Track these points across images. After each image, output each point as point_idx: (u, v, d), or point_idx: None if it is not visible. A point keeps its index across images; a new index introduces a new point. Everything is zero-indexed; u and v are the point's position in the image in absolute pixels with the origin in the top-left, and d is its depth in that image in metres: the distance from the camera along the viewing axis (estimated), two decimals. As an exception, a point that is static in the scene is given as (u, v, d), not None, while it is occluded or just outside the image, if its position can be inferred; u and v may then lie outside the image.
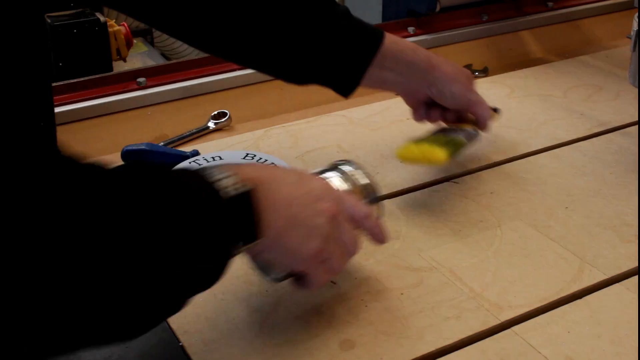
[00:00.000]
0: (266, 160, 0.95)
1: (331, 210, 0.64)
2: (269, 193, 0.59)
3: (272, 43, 0.85)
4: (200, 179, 0.55)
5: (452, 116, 0.96)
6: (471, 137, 0.95)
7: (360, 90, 0.91)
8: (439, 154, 0.86)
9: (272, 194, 0.60)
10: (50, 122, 0.57)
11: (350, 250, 0.68)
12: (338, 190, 0.69)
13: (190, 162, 0.95)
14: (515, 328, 0.71)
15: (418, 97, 0.94)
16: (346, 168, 0.75)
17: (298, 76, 0.90)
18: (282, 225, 0.61)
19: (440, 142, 0.90)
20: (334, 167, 0.75)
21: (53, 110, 0.58)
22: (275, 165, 0.66)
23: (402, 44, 0.90)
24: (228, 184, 0.56)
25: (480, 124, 0.95)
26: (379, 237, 0.72)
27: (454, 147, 0.90)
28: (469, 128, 0.97)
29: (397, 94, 0.97)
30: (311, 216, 0.62)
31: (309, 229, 0.62)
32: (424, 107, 0.96)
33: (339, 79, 0.89)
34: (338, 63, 0.87)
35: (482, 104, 0.95)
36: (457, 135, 0.94)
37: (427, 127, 0.98)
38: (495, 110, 1.03)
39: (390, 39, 0.89)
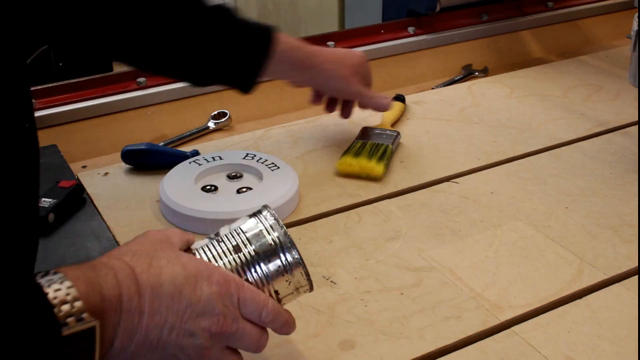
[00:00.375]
0: (266, 160, 0.95)
1: (213, 327, 0.56)
2: (129, 315, 0.52)
3: (177, 51, 0.89)
4: (38, 313, 0.46)
5: (345, 109, 1.05)
6: (395, 140, 1.02)
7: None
8: (377, 169, 0.96)
9: (135, 316, 0.52)
10: (32, 124, 0.57)
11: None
12: (234, 284, 0.58)
13: (190, 162, 0.95)
14: (515, 328, 0.71)
15: (311, 87, 1.02)
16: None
17: (203, 79, 0.94)
18: (135, 352, 0.53)
19: (374, 154, 0.98)
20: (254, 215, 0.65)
21: (33, 112, 0.58)
22: (166, 255, 0.55)
23: (288, 44, 0.94)
24: (71, 311, 0.47)
25: (368, 106, 1.03)
26: (283, 330, 0.61)
27: (388, 159, 0.98)
28: (387, 129, 1.05)
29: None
30: (181, 338, 0.54)
31: (173, 355, 0.55)
32: (327, 100, 1.05)
33: (239, 77, 0.93)
34: (237, 63, 0.91)
35: (367, 96, 1.02)
36: (383, 140, 1.01)
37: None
38: (398, 98, 1.14)
39: (281, 38, 0.93)
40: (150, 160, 0.99)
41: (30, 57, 1.51)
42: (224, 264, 0.60)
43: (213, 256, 0.60)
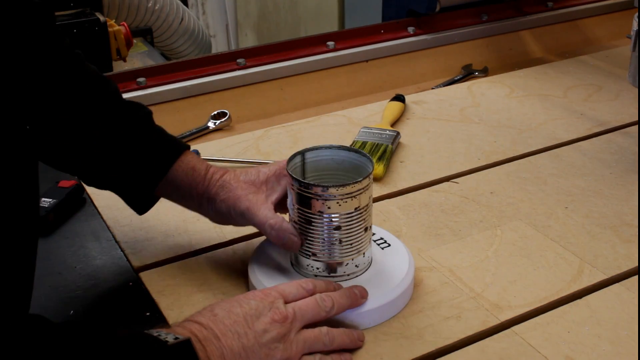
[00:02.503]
0: (374, 234, 0.80)
1: (275, 317, 0.64)
2: (209, 342, 0.61)
3: (76, 148, 0.77)
4: (142, 336, 0.58)
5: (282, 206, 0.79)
6: (394, 140, 1.03)
7: (360, 90, 0.91)
8: (377, 169, 0.96)
9: (213, 340, 0.61)
10: (32, 126, 0.57)
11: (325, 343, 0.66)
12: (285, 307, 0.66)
13: None
14: (515, 328, 0.71)
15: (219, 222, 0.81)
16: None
17: (98, 183, 0.81)
18: None
19: (374, 154, 0.98)
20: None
21: (39, 113, 0.58)
22: (218, 315, 0.64)
23: (190, 165, 0.78)
24: (168, 338, 0.58)
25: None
26: (356, 303, 0.70)
27: (387, 159, 0.98)
28: (387, 129, 1.04)
29: None
30: (259, 338, 0.63)
31: (266, 355, 0.63)
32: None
33: (132, 195, 0.80)
34: (130, 179, 0.79)
35: (274, 221, 0.74)
36: (382, 140, 1.02)
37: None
38: (399, 98, 1.15)
39: (187, 159, 0.78)
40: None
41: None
42: None
43: None
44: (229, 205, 0.75)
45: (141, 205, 0.81)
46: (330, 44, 1.29)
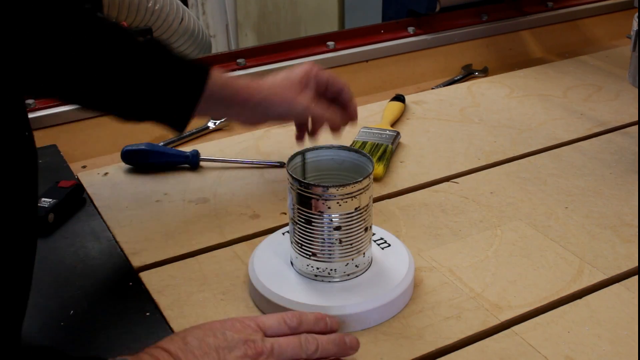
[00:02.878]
0: (374, 234, 0.80)
1: (249, 352, 0.61)
2: None
3: (108, 86, 0.83)
4: None
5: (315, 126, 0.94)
6: (394, 140, 1.02)
7: (360, 90, 0.91)
8: (377, 169, 0.96)
9: None
10: (30, 132, 0.58)
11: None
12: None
13: (283, 234, 0.81)
14: (515, 328, 0.71)
15: (258, 123, 0.93)
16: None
17: (134, 115, 0.87)
18: None
19: (374, 154, 0.98)
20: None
21: (28, 120, 0.58)
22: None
23: (222, 80, 0.87)
24: None
25: (332, 127, 0.93)
26: (344, 352, 0.66)
27: (387, 159, 0.98)
28: (387, 129, 1.04)
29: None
30: None
31: None
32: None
33: (172, 116, 0.87)
34: (169, 102, 0.86)
35: (316, 115, 0.91)
36: (382, 140, 1.02)
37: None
38: (398, 98, 1.12)
39: (215, 74, 0.86)
40: (150, 160, 0.99)
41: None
42: None
43: None
44: (269, 104, 0.88)
45: (182, 122, 0.87)
46: (330, 44, 1.29)
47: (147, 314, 0.73)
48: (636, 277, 0.78)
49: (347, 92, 0.94)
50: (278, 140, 1.07)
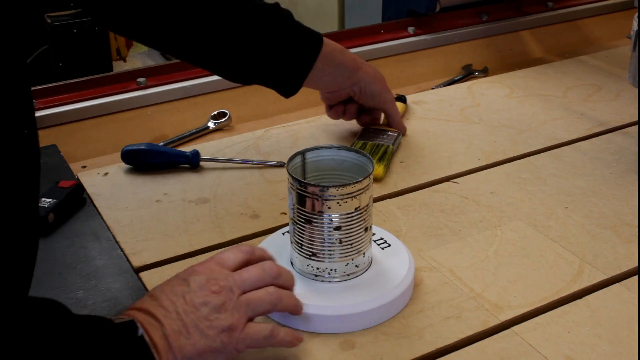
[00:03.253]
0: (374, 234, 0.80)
1: (212, 287, 0.64)
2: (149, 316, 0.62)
3: (221, 44, 0.90)
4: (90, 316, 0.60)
5: (366, 117, 1.07)
6: (395, 140, 1.03)
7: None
8: (377, 170, 0.95)
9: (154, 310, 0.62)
10: (33, 129, 0.58)
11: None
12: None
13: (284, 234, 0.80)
14: (515, 328, 0.71)
15: (339, 95, 1.02)
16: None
17: (244, 76, 0.95)
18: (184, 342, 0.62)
19: (375, 155, 0.99)
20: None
21: (34, 116, 0.58)
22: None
23: (332, 45, 0.97)
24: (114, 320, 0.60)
25: (392, 122, 1.06)
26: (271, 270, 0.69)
27: (388, 160, 0.98)
28: (388, 130, 1.05)
29: (319, 90, 1.04)
30: (198, 312, 0.62)
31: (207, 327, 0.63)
32: (342, 106, 1.05)
33: (283, 80, 0.95)
34: (282, 65, 0.93)
35: (395, 103, 1.06)
36: (383, 140, 1.02)
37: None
38: (400, 99, 1.14)
39: (327, 42, 0.95)
40: (150, 160, 0.99)
41: (31, 57, 1.52)
42: None
43: None
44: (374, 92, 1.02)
45: (291, 89, 0.96)
46: (330, 44, 1.29)
47: (147, 314, 0.73)
48: (636, 277, 0.78)
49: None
50: (278, 140, 1.07)
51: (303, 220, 0.71)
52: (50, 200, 0.87)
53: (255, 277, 0.66)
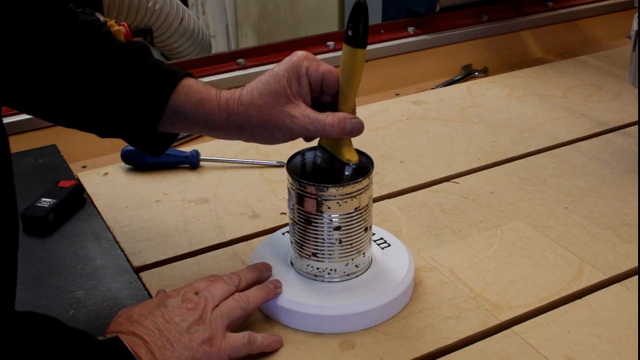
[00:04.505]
0: (374, 234, 0.79)
1: (188, 305, 0.67)
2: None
3: (76, 102, 0.73)
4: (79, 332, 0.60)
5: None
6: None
7: (360, 90, 0.89)
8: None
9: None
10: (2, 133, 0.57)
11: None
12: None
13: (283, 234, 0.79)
14: (515, 328, 0.71)
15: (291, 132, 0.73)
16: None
17: (103, 131, 0.76)
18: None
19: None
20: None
21: (2, 119, 0.58)
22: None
23: (193, 90, 0.73)
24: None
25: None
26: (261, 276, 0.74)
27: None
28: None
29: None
30: (178, 332, 0.65)
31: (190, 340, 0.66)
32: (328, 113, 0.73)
33: (137, 136, 0.75)
34: (132, 117, 0.73)
35: (303, 128, 0.71)
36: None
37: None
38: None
39: (185, 84, 0.73)
40: (150, 160, 0.99)
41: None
42: None
43: None
44: (262, 125, 0.70)
45: (153, 146, 0.76)
46: (330, 44, 1.29)
47: (147, 314, 0.73)
48: (636, 277, 0.78)
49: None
50: (278, 140, 1.07)
51: (303, 220, 0.71)
52: (50, 200, 0.87)
53: (220, 290, 0.70)
